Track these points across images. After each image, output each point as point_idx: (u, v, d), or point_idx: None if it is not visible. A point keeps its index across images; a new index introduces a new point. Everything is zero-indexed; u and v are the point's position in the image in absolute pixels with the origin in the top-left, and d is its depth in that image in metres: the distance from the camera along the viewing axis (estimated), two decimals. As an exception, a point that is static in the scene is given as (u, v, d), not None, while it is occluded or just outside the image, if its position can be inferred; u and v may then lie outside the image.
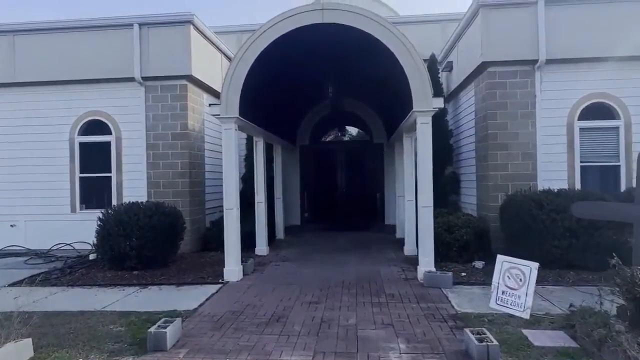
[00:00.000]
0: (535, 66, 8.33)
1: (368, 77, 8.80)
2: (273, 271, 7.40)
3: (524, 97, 8.45)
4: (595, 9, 8.17)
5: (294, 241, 10.46)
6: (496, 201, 8.44)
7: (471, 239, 7.34)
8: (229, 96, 6.67)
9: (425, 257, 6.50)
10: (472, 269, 7.07)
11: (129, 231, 7.14)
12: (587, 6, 8.19)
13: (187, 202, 9.06)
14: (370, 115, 12.75)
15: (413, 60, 6.45)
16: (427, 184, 6.52)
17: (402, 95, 7.51)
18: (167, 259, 7.71)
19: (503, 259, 4.98)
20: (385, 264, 7.80)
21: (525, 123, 8.45)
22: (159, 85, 9.13)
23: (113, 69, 9.09)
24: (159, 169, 9.13)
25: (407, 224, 8.60)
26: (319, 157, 13.26)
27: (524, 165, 8.45)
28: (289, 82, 8.80)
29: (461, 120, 10.71)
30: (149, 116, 9.16)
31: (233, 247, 6.78)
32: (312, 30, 6.77)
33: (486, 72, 8.56)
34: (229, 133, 6.81)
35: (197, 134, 9.59)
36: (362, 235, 11.09)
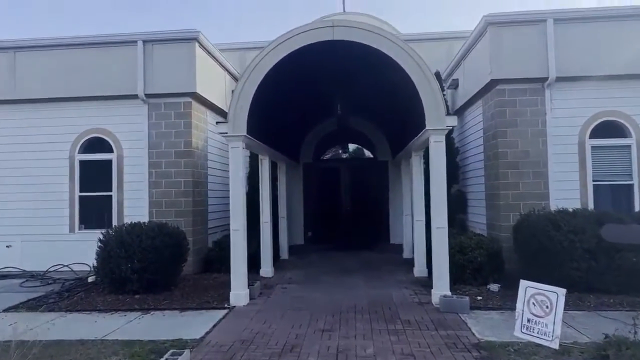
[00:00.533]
0: (545, 84, 8.24)
1: (376, 95, 8.68)
2: (280, 295, 7.12)
3: (534, 115, 8.34)
4: (605, 26, 8.13)
5: (299, 262, 10.18)
6: (508, 221, 8.25)
7: (485, 260, 7.11)
8: (236, 113, 6.50)
9: (440, 281, 6.25)
10: (488, 292, 6.82)
11: (130, 253, 6.87)
12: (597, 24, 8.14)
13: (189, 222, 8.81)
14: (374, 133, 12.62)
15: (426, 79, 6.32)
16: (441, 205, 6.32)
17: (412, 113, 7.37)
18: (170, 282, 7.42)
19: (527, 284, 4.74)
20: (396, 286, 7.54)
21: (535, 141, 8.32)
22: (162, 103, 8.96)
23: (116, 86, 8.93)
24: (161, 187, 8.90)
25: (417, 244, 8.37)
26: (323, 174, 13.07)
27: (535, 185, 8.28)
28: (296, 99, 8.66)
29: (468, 138, 10.59)
30: (152, 134, 8.98)
31: (240, 270, 6.52)
32: (322, 46, 6.64)
33: (495, 89, 8.45)
34: (236, 152, 6.62)
35: (200, 152, 9.39)
36: (368, 255, 10.82)
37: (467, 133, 10.73)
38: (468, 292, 6.82)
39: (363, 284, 7.75)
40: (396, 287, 7.51)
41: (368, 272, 8.87)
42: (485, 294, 6.69)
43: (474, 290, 6.89)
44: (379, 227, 12.66)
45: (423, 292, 7.01)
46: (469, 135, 10.43)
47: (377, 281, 7.97)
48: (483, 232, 9.15)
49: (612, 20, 8.13)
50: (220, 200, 10.39)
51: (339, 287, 7.56)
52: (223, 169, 10.70)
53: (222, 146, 10.78)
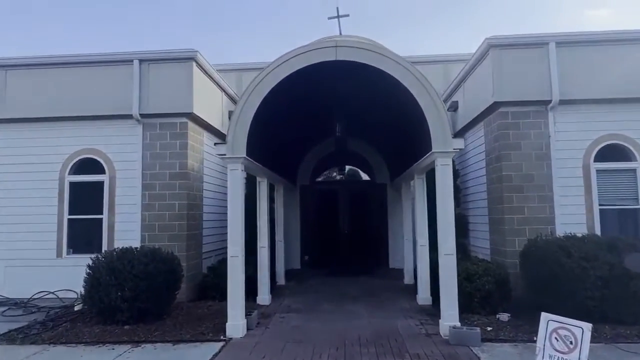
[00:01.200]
0: (548, 106, 8.14)
1: (378, 117, 8.52)
2: (279, 325, 6.74)
3: (538, 137, 8.21)
4: (607, 50, 8.10)
5: (297, 288, 9.80)
6: (513, 246, 8.01)
7: (493, 288, 6.83)
8: (236, 134, 6.26)
9: (449, 311, 5.94)
10: (497, 322, 6.51)
11: (121, 280, 6.49)
12: (599, 47, 8.12)
13: (183, 247, 8.44)
14: (373, 155, 12.44)
15: (432, 101, 6.16)
16: (449, 230, 6.07)
17: (416, 135, 7.19)
18: (162, 311, 7.02)
19: (548, 317, 4.47)
20: (400, 315, 7.20)
21: (540, 165, 8.16)
22: (157, 123, 8.71)
23: (110, 106, 8.67)
24: (154, 210, 8.56)
25: (420, 271, 8.07)
26: (320, 197, 12.80)
27: (540, 209, 8.08)
28: (295, 119, 8.47)
29: (468, 161, 10.43)
30: (146, 155, 8.68)
31: (237, 299, 6.16)
32: (324, 67, 6.48)
33: (498, 112, 8.33)
34: (235, 174, 6.35)
35: (196, 173, 9.10)
36: (367, 281, 10.48)
37: (467, 155, 10.58)
38: (477, 322, 6.51)
39: (365, 313, 7.40)
40: (400, 316, 7.17)
41: (369, 299, 8.52)
42: (495, 324, 6.38)
43: (483, 320, 6.58)
44: (378, 251, 12.35)
45: (429, 322, 6.68)
46: (470, 157, 10.28)
47: (380, 309, 7.62)
48: (486, 257, 8.89)
49: (614, 44, 8.10)
50: (215, 224, 10.06)
51: (340, 316, 7.20)
52: (219, 191, 10.42)
53: (219, 168, 10.52)
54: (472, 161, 10.23)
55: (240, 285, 6.20)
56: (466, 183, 10.74)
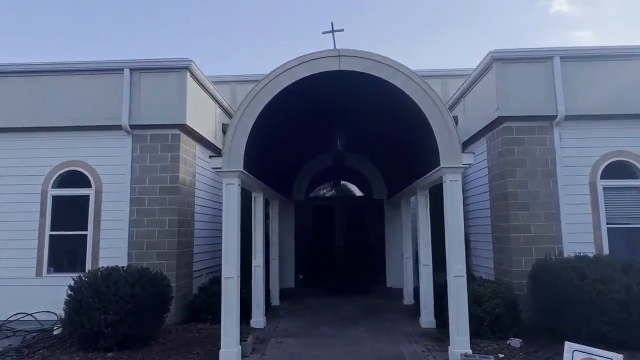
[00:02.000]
0: (553, 122, 7.93)
1: (380, 130, 8.21)
2: (276, 352, 6.27)
3: (544, 153, 7.97)
4: (613, 65, 7.96)
5: (292, 309, 9.33)
6: (519, 266, 7.69)
7: (503, 311, 6.47)
8: (233, 146, 5.88)
9: (460, 337, 5.55)
10: (509, 348, 6.13)
11: (105, 303, 5.99)
12: (604, 62, 7.98)
13: (173, 266, 7.96)
14: (371, 170, 12.13)
15: (440, 114, 5.87)
16: (459, 250, 5.73)
17: (420, 149, 6.89)
18: (150, 336, 6.52)
19: (574, 347, 4.12)
20: (404, 340, 6.79)
21: (546, 182, 7.91)
22: (148, 135, 8.30)
23: (97, 116, 8.25)
24: (143, 227, 8.09)
25: (423, 292, 7.68)
26: (315, 213, 12.39)
27: (547, 227, 7.80)
28: (293, 132, 8.13)
29: (469, 177, 10.17)
30: (135, 168, 8.25)
31: (231, 324, 5.70)
32: (326, 77, 6.18)
33: (502, 127, 8.10)
34: (232, 189, 5.95)
35: (187, 188, 8.67)
36: (366, 301, 10.04)
37: (468, 172, 10.31)
38: (487, 348, 6.13)
39: (367, 337, 6.97)
40: (404, 340, 6.76)
41: (369, 321, 8.09)
42: (507, 351, 6.00)
43: (493, 346, 6.21)
44: (375, 269, 11.93)
45: (436, 348, 6.28)
46: (471, 173, 10.02)
47: (382, 333, 7.20)
48: (489, 277, 8.57)
49: (620, 59, 7.97)
50: (207, 240, 9.60)
51: (341, 341, 6.76)
52: (211, 207, 9.99)
53: (211, 182, 10.11)
54: (473, 177, 9.97)
55: (235, 309, 5.75)
56: (467, 200, 10.44)
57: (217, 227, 9.69)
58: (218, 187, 10.19)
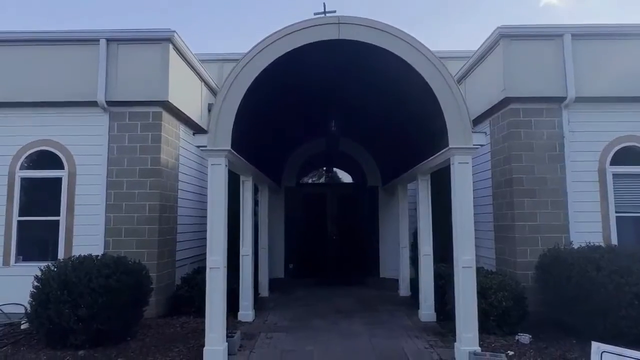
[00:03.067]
0: (562, 104, 7.46)
1: (377, 109, 7.65)
2: (266, 349, 5.75)
3: (552, 138, 7.51)
4: (627, 44, 7.50)
5: (282, 300, 8.81)
6: (524, 256, 7.27)
7: (510, 305, 6.03)
8: (220, 122, 5.27)
9: (467, 333, 5.09)
10: (518, 345, 5.70)
11: (76, 296, 5.38)
12: (619, 41, 7.50)
13: (154, 254, 7.36)
14: (365, 156, 11.59)
15: (449, 88, 5.33)
16: (468, 240, 5.24)
17: (424, 130, 6.36)
18: (126, 332, 5.94)
19: (602, 348, 3.66)
20: (404, 334, 6.32)
21: (553, 167, 7.46)
22: (127, 112, 7.62)
23: (71, 92, 7.53)
24: (121, 212, 7.45)
25: (423, 283, 7.22)
26: (307, 200, 11.84)
27: (554, 215, 7.37)
28: (286, 110, 7.52)
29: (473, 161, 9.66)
30: (113, 148, 7.57)
31: (217, 319, 5.15)
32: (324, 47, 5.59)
33: (508, 109, 7.61)
34: (218, 171, 5.34)
35: (170, 171, 8.03)
36: (359, 292, 9.57)
37: (466, 157, 9.84)
38: (494, 344, 5.69)
39: (364, 331, 6.48)
40: (404, 335, 6.29)
41: (365, 313, 7.61)
42: (516, 348, 5.56)
43: (501, 342, 5.77)
44: (368, 259, 11.47)
45: (440, 344, 5.82)
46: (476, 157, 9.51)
47: (380, 327, 6.72)
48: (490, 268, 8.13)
49: (635, 38, 7.50)
50: (191, 228, 8.99)
51: (335, 336, 6.27)
52: (196, 192, 9.37)
53: (197, 166, 9.48)
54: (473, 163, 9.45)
55: (221, 303, 5.19)
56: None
57: (203, 214, 9.09)
58: (204, 172, 9.56)
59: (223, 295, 5.21)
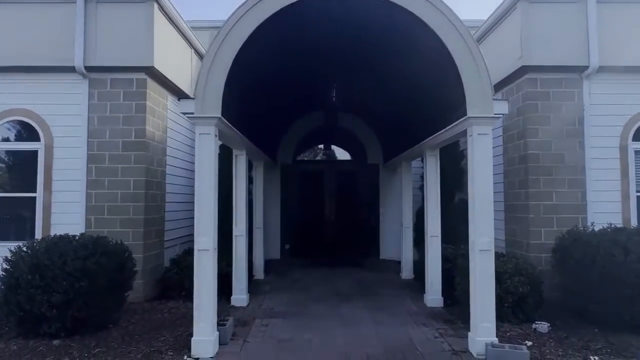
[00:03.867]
0: (583, 74, 6.87)
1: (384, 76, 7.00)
2: (261, 338, 5.26)
3: (570, 111, 6.94)
4: (657, 8, 6.86)
5: (279, 283, 8.33)
6: (538, 238, 6.80)
7: (527, 290, 5.55)
8: (209, 85, 4.64)
9: (484, 322, 4.61)
10: (536, 334, 5.24)
11: (49, 280, 4.83)
12: (648, 5, 6.87)
13: (140, 234, 6.81)
14: (366, 132, 10.98)
15: (468, 49, 4.72)
16: (486, 220, 4.71)
17: (436, 98, 5.76)
18: (107, 319, 5.42)
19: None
20: (410, 321, 5.85)
21: (572, 143, 6.92)
22: (108, 79, 6.94)
23: (46, 56, 6.82)
24: (103, 188, 6.86)
25: (430, 266, 6.73)
26: (304, 178, 11.27)
27: (571, 195, 6.87)
28: (282, 78, 6.86)
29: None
30: (93, 118, 6.92)
31: (207, 307, 4.63)
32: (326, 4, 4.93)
33: (524, 79, 7.00)
34: (207, 141, 4.74)
35: (157, 144, 7.40)
36: (359, 274, 9.11)
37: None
38: (509, 333, 5.24)
39: (367, 318, 6.01)
40: (410, 322, 5.82)
41: (367, 297, 7.14)
42: (534, 338, 5.10)
43: (517, 331, 5.31)
44: (368, 240, 10.99)
45: (450, 333, 5.35)
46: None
47: (384, 313, 6.25)
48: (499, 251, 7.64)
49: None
50: (181, 206, 8.42)
51: (336, 323, 5.79)
52: (188, 168, 8.76)
53: (189, 141, 8.85)
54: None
55: (211, 288, 4.66)
56: (472, 165, 9.48)
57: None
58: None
59: (213, 280, 4.68)
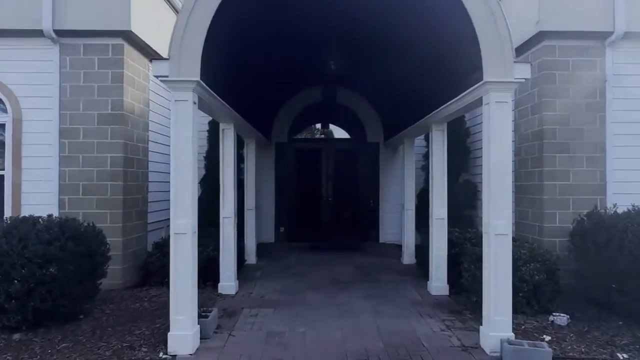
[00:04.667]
0: (607, 41, 6.22)
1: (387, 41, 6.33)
2: (248, 330, 4.73)
3: (592, 82, 6.32)
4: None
5: (272, 268, 7.80)
6: (552, 221, 6.25)
7: (543, 279, 5.01)
8: (185, 42, 4.01)
9: (499, 316, 4.08)
10: (554, 327, 4.73)
11: (7, 268, 4.27)
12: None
13: (119, 216, 6.24)
14: (365, 109, 10.33)
15: (487, 5, 4.06)
16: (503, 199, 4.16)
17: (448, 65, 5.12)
18: (78, 309, 4.88)
19: None
20: (414, 312, 5.34)
21: (592, 117, 6.31)
22: (81, 45, 6.27)
23: (11, 17, 6.13)
24: (77, 166, 6.25)
25: (436, 251, 6.19)
26: (300, 157, 10.66)
27: (590, 174, 6.30)
28: (274, 46, 6.20)
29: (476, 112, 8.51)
30: (65, 88, 6.27)
31: (185, 297, 4.08)
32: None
33: (541, 46, 6.36)
34: (184, 109, 4.12)
35: (137, 118, 6.77)
36: (358, 259, 8.59)
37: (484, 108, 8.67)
38: (524, 326, 4.73)
39: (366, 308, 5.49)
40: (414, 313, 5.30)
41: (366, 285, 6.63)
42: (552, 331, 4.59)
43: (532, 323, 4.80)
44: (367, 222, 10.47)
45: (458, 325, 4.84)
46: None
47: (385, 302, 5.73)
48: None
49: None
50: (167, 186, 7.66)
51: (333, 313, 5.27)
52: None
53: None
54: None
55: (189, 277, 4.10)
56: (478, 143, 8.87)
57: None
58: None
59: (192, 267, 4.12)
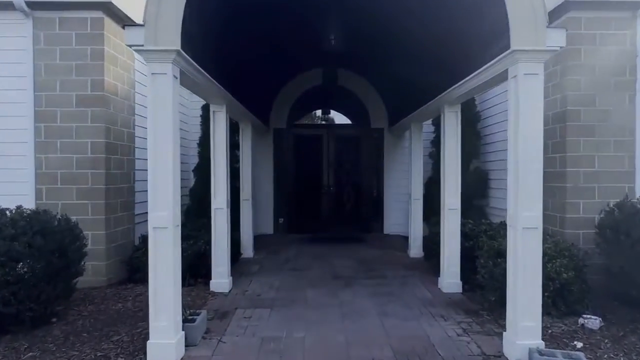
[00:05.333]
0: (638, 11, 5.61)
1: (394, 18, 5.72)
2: (241, 335, 4.21)
3: (621, 58, 5.72)
4: None
5: (270, 262, 7.29)
6: (576, 212, 5.71)
7: (571, 277, 4.48)
8: (162, 9, 3.42)
9: (528, 321, 3.55)
10: (585, 330, 4.20)
11: (-35, 267, 3.75)
12: None
13: (101, 207, 5.71)
14: (368, 92, 9.72)
15: (516, -44, 3.46)
16: (534, 188, 3.61)
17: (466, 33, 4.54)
18: (48, 312, 4.36)
19: None
20: (425, 312, 4.82)
21: (621, 97, 5.72)
22: (56, 18, 5.68)
23: (-21, -12, 5.54)
24: (55, 152, 5.70)
25: (447, 245, 5.66)
26: (300, 144, 10.08)
27: (617, 160, 5.73)
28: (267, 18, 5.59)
29: (498, 97, 7.95)
30: (40, 67, 5.70)
31: (167, 300, 3.56)
32: None
33: (566, 18, 5.75)
34: (162, 83, 3.55)
35: (122, 100, 6.20)
36: (361, 252, 8.08)
37: (492, 92, 8.11)
38: (551, 330, 4.20)
39: (371, 308, 4.97)
40: (425, 313, 4.79)
41: (371, 281, 6.11)
42: (583, 336, 4.07)
43: (560, 327, 4.27)
44: (371, 213, 9.94)
45: (475, 329, 4.32)
46: (499, 93, 7.77)
47: (392, 301, 5.22)
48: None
49: None
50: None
51: (334, 314, 4.76)
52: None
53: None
54: (502, 98, 7.72)
55: (171, 277, 3.57)
56: (490, 128, 8.33)
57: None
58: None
59: (174, 266, 3.58)
